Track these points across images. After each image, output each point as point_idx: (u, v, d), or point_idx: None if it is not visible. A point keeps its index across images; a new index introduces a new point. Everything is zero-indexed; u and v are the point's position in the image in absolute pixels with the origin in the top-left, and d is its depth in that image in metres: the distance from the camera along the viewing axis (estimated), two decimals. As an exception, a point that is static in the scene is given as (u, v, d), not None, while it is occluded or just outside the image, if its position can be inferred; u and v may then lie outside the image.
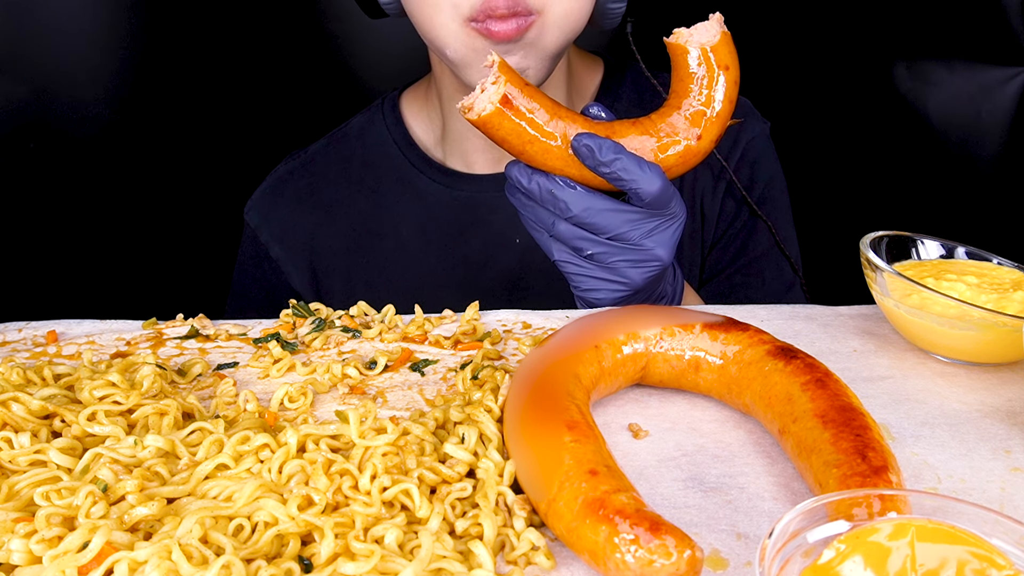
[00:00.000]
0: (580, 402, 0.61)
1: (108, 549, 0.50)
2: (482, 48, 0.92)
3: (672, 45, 0.79)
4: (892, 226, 0.84)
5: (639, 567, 0.48)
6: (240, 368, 0.76)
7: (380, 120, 1.18)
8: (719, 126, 0.79)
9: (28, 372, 0.70)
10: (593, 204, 0.79)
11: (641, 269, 0.82)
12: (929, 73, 1.29)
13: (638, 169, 0.77)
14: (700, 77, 0.78)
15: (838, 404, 0.60)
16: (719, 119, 0.79)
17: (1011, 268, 0.81)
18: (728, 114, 0.80)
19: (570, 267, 0.83)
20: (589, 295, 0.85)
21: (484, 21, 0.90)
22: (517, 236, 1.12)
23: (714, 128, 0.79)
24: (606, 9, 1.00)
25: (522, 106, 0.77)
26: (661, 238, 0.81)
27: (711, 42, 0.78)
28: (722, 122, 0.79)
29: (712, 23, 0.78)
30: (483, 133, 0.79)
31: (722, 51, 0.78)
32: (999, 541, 0.46)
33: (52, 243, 1.40)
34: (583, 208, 0.79)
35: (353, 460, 0.59)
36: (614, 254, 0.81)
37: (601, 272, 0.83)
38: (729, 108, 0.80)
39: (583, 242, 0.81)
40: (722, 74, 0.78)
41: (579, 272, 0.83)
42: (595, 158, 0.76)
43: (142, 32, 1.37)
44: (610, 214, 0.79)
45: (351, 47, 1.48)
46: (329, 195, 1.18)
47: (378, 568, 0.50)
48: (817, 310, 0.86)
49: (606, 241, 0.81)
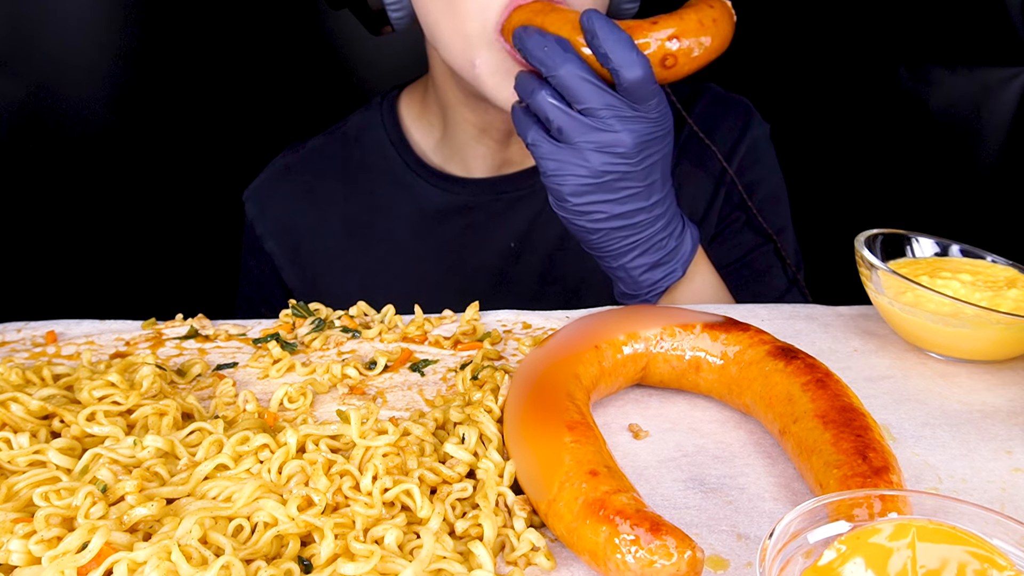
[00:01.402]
0: (580, 402, 0.61)
1: (107, 550, 0.50)
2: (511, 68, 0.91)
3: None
4: (894, 226, 0.84)
5: (640, 568, 0.47)
6: (239, 368, 0.76)
7: (378, 121, 1.18)
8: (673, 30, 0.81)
9: (27, 372, 0.69)
10: (577, 70, 0.80)
11: (603, 155, 0.82)
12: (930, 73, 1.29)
13: (625, 52, 0.78)
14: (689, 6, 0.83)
15: (839, 404, 0.60)
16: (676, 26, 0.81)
17: (1005, 266, 0.81)
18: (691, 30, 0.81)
19: (538, 148, 0.84)
20: (553, 181, 0.84)
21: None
22: (512, 240, 1.12)
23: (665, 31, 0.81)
24: (619, 10, 1.01)
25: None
26: (630, 125, 0.81)
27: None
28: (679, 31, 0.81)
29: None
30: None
31: None
32: (1000, 542, 0.46)
33: (50, 243, 1.40)
34: (567, 70, 0.80)
35: (353, 461, 0.59)
36: (581, 132, 0.81)
37: (565, 153, 0.82)
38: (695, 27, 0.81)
39: (556, 112, 0.81)
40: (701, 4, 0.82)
41: (546, 154, 0.83)
42: (592, 30, 0.78)
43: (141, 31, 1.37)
44: (590, 86, 0.80)
45: (350, 44, 1.48)
46: (325, 194, 1.18)
47: (378, 569, 0.50)
48: (817, 310, 0.86)
49: (577, 115, 0.81)
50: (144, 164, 1.42)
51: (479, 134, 1.09)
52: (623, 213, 0.85)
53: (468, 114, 1.08)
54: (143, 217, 1.44)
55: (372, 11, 1.02)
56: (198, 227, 1.47)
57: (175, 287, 1.44)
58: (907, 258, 0.84)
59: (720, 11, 0.82)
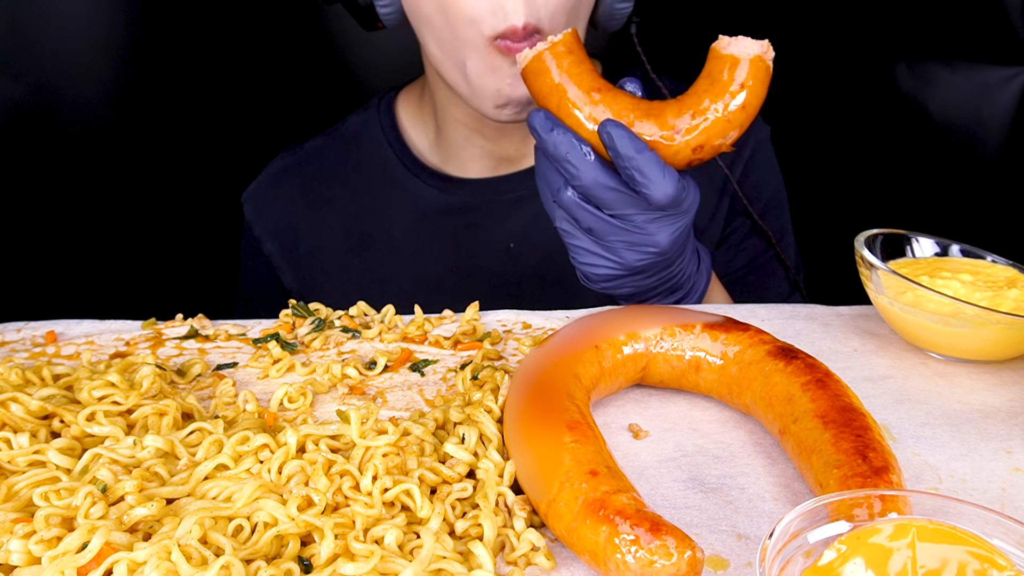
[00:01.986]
0: (580, 402, 0.61)
1: (107, 550, 0.50)
2: (500, 67, 0.92)
3: (711, 49, 0.77)
4: (893, 226, 0.84)
5: (639, 568, 0.47)
6: (239, 368, 0.76)
7: (376, 122, 1.18)
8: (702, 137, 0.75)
9: (27, 372, 0.69)
10: (603, 179, 0.77)
11: (637, 253, 0.81)
12: (930, 73, 1.29)
13: (653, 173, 0.75)
14: (709, 81, 0.75)
15: (839, 404, 0.60)
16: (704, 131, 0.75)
17: (1005, 266, 0.81)
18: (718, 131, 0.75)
19: (569, 236, 0.83)
20: (585, 267, 0.84)
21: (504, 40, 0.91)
22: (511, 241, 1.12)
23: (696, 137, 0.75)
24: (612, 10, 1.00)
25: (565, 63, 0.78)
26: (664, 226, 0.80)
27: (743, 57, 0.74)
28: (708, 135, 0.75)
29: (755, 44, 0.75)
30: (526, 84, 0.80)
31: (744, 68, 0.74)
32: (1000, 542, 0.46)
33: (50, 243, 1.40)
34: (592, 180, 0.77)
35: (353, 460, 0.59)
36: (613, 233, 0.80)
37: (598, 248, 0.82)
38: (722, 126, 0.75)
39: (584, 214, 0.80)
40: (731, 88, 0.74)
41: (577, 243, 0.83)
42: (614, 148, 0.75)
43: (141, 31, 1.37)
44: (617, 194, 0.78)
45: (348, 45, 1.47)
46: (323, 195, 1.18)
47: (378, 569, 0.50)
48: (817, 310, 0.86)
49: (608, 218, 0.79)
50: (144, 164, 1.42)
51: (471, 133, 1.10)
52: (652, 285, 0.86)
53: (459, 113, 1.08)
54: (143, 217, 1.44)
55: (361, 7, 1.02)
56: (197, 227, 1.47)
57: (175, 287, 1.44)
58: (907, 258, 0.84)
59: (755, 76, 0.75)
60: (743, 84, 0.74)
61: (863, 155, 1.42)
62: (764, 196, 1.14)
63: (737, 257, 1.14)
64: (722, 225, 1.14)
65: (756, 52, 0.75)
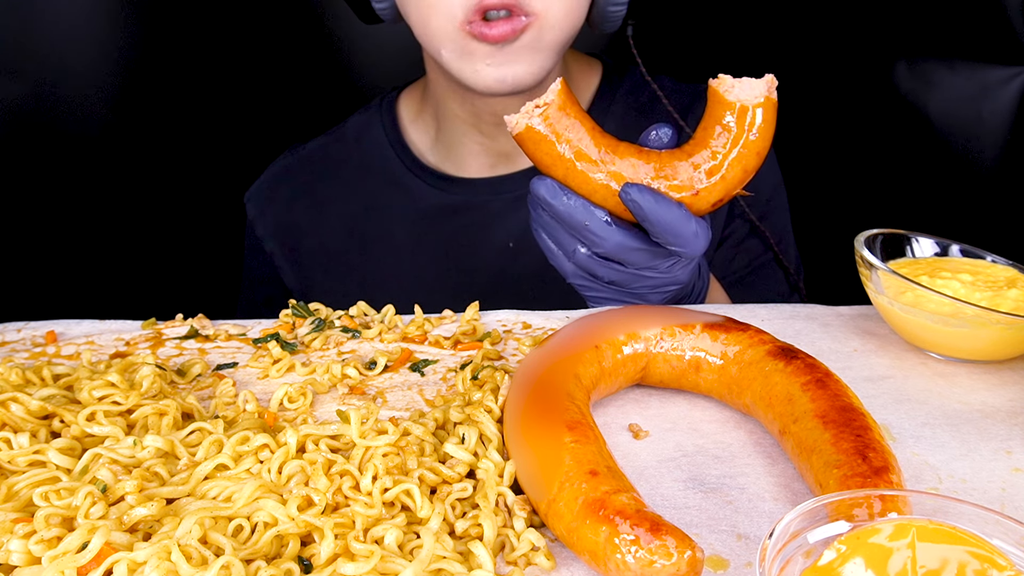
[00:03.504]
0: (580, 402, 0.61)
1: (107, 550, 0.50)
2: (476, 50, 0.93)
3: (712, 89, 0.72)
4: (893, 226, 0.84)
5: (639, 568, 0.47)
6: (239, 368, 0.76)
7: (377, 122, 1.18)
8: (724, 190, 0.72)
9: (27, 372, 0.69)
10: (629, 243, 0.75)
11: (661, 293, 0.80)
12: (930, 73, 1.29)
13: (686, 232, 0.72)
14: (723, 134, 0.71)
15: (839, 404, 0.60)
16: (724, 183, 0.72)
17: (1005, 266, 0.81)
18: (737, 182, 0.72)
19: (587, 290, 0.81)
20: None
21: (477, 24, 0.90)
22: (511, 240, 1.12)
23: (717, 191, 0.72)
24: (606, 12, 1.00)
25: (563, 127, 0.72)
26: (685, 264, 0.79)
27: (751, 102, 0.70)
28: (727, 187, 0.72)
29: (760, 83, 0.70)
30: (524, 151, 0.75)
31: (756, 115, 0.71)
32: (1000, 542, 0.46)
33: (50, 243, 1.40)
34: (617, 245, 0.74)
35: (353, 460, 0.59)
36: (635, 281, 0.78)
37: (620, 295, 0.80)
38: (743, 176, 0.72)
39: (606, 271, 0.78)
40: (745, 139, 0.71)
41: (597, 295, 0.81)
42: (643, 214, 0.71)
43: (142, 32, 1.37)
44: (644, 253, 0.75)
45: (350, 45, 1.48)
46: (324, 195, 1.18)
47: (378, 569, 0.50)
48: (817, 310, 0.86)
49: (629, 271, 0.78)
50: (144, 164, 1.42)
51: (469, 129, 1.10)
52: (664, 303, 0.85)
53: (457, 108, 1.09)
54: (143, 217, 1.44)
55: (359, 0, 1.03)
56: (198, 227, 1.47)
57: (175, 287, 1.45)
58: (907, 258, 0.84)
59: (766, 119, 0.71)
60: (758, 132, 0.71)
61: (863, 155, 1.42)
62: (764, 196, 1.14)
63: (737, 257, 1.14)
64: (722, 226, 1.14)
65: (763, 93, 0.70)
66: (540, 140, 0.73)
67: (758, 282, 1.14)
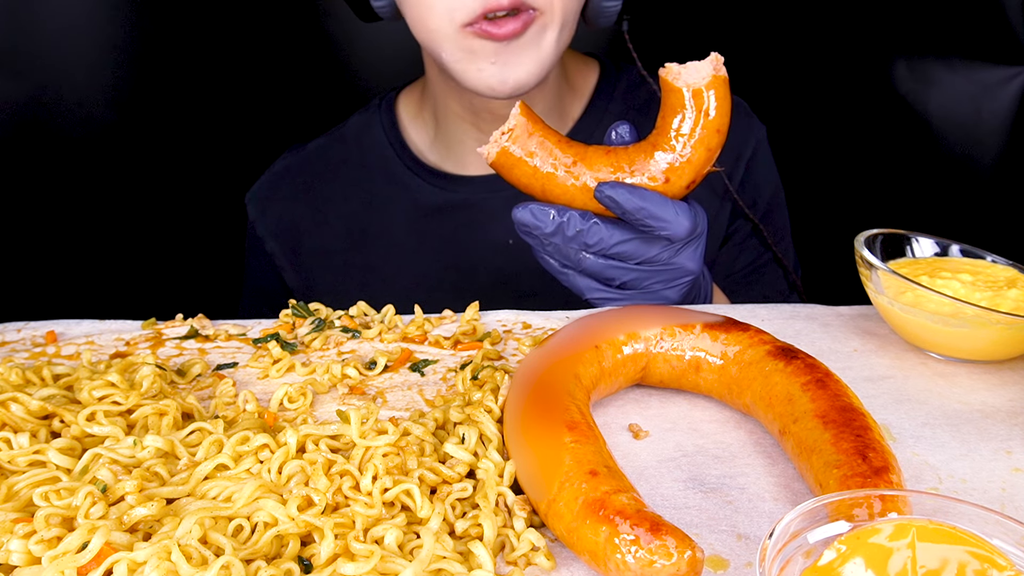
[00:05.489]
0: (580, 402, 0.61)
1: (107, 550, 0.50)
2: (478, 49, 0.93)
3: (662, 79, 0.74)
4: (892, 226, 0.84)
5: (639, 568, 0.47)
6: (239, 368, 0.76)
7: (377, 121, 1.19)
8: (692, 172, 0.75)
9: (27, 372, 0.69)
10: (619, 236, 0.77)
11: (675, 287, 0.81)
12: (929, 73, 1.29)
13: (666, 214, 0.74)
14: (679, 118, 0.73)
15: (839, 404, 0.60)
16: (692, 165, 0.74)
17: (1005, 266, 0.81)
18: (703, 162, 0.75)
19: (606, 302, 0.82)
20: None
21: (480, 23, 0.91)
22: (510, 238, 1.12)
23: (685, 174, 0.75)
24: (601, 7, 1.00)
25: (531, 145, 0.76)
26: (689, 252, 0.80)
27: (699, 83, 0.72)
28: (695, 169, 0.75)
29: (706, 64, 0.72)
30: (502, 176, 0.78)
31: (709, 95, 0.73)
32: (1000, 542, 0.46)
33: (51, 243, 1.40)
34: (610, 240, 0.77)
35: (353, 461, 0.59)
36: (647, 278, 0.80)
37: (637, 297, 0.81)
38: (707, 156, 0.75)
39: (614, 271, 0.79)
40: (705, 120, 0.73)
41: (615, 303, 0.82)
42: (620, 208, 0.74)
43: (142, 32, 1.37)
44: (637, 243, 0.77)
45: (349, 46, 1.48)
46: (324, 194, 1.18)
47: (378, 569, 0.50)
48: (817, 310, 0.86)
49: (636, 267, 0.79)
50: (144, 164, 1.42)
51: (468, 127, 1.10)
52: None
53: (455, 106, 1.09)
54: (144, 217, 1.44)
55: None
56: (198, 228, 1.47)
57: (175, 287, 1.45)
58: (907, 258, 0.84)
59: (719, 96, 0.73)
60: (713, 110, 0.73)
61: (863, 155, 1.42)
62: (765, 196, 1.15)
63: (740, 257, 1.14)
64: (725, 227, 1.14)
65: (711, 73, 0.72)
66: (514, 162, 0.77)
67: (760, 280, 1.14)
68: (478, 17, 0.90)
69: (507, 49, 0.93)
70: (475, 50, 0.93)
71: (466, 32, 0.92)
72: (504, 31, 0.91)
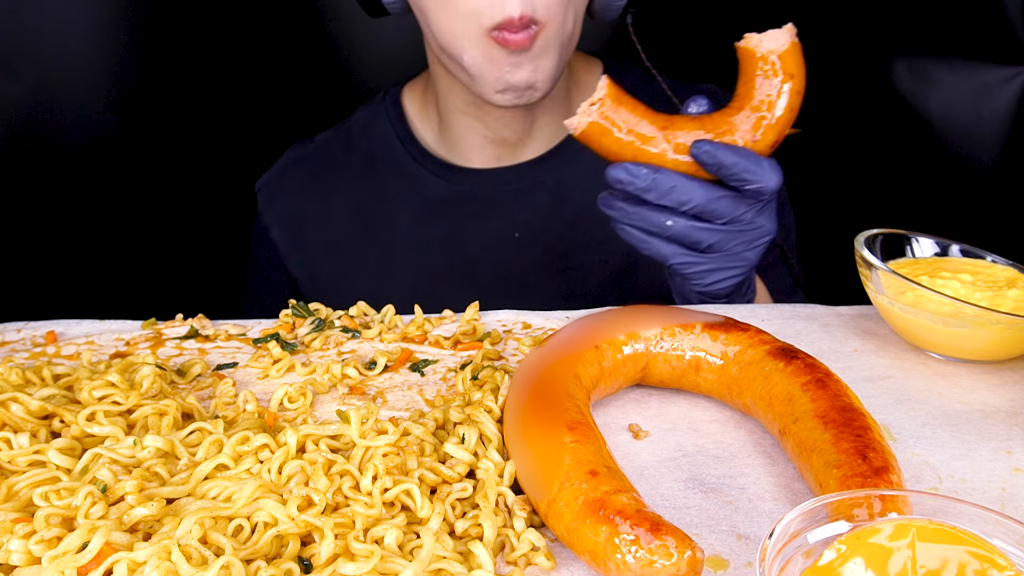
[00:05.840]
0: (580, 402, 0.61)
1: (107, 550, 0.50)
2: (498, 57, 0.95)
3: (741, 48, 0.80)
4: (892, 226, 0.84)
5: (639, 568, 0.47)
6: (239, 368, 0.76)
7: (383, 114, 1.19)
8: (777, 131, 0.80)
9: (27, 372, 0.69)
10: (713, 192, 0.79)
11: (755, 248, 0.83)
12: (929, 73, 1.29)
13: (759, 169, 0.78)
14: (764, 83, 0.79)
15: (839, 404, 0.60)
16: (778, 125, 0.79)
17: (1005, 266, 0.81)
18: (788, 121, 0.80)
19: (689, 266, 0.83)
20: (713, 287, 0.85)
21: (501, 31, 0.93)
22: (516, 231, 1.13)
23: (772, 133, 0.79)
24: (607, 1, 1.02)
25: (621, 115, 0.79)
26: (766, 212, 0.82)
27: (779, 50, 0.79)
28: (780, 128, 0.80)
29: (783, 32, 0.79)
30: (590, 146, 0.81)
31: (789, 60, 0.79)
32: (1000, 542, 0.46)
33: (51, 243, 1.40)
34: (704, 196, 0.79)
35: (353, 460, 0.59)
36: (731, 239, 0.81)
37: (720, 261, 0.83)
38: (790, 116, 0.80)
39: (702, 234, 0.80)
40: (787, 83, 0.79)
41: (700, 267, 0.83)
42: (718, 162, 0.77)
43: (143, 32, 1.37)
44: (728, 200, 0.79)
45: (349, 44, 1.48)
46: (332, 185, 1.19)
47: (378, 569, 0.50)
48: (817, 310, 0.86)
49: (722, 228, 0.81)
50: (144, 165, 1.42)
51: (472, 121, 1.11)
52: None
53: (459, 102, 1.10)
54: (143, 217, 1.44)
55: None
56: (199, 227, 1.47)
57: (175, 287, 1.44)
58: (907, 258, 0.84)
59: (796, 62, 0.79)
60: (793, 75, 0.79)
61: (863, 155, 1.42)
62: None
63: None
64: None
65: (788, 40, 0.79)
66: (604, 131, 0.79)
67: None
68: (498, 25, 0.93)
69: (518, 59, 0.96)
70: (494, 58, 0.95)
71: (489, 39, 0.94)
72: (517, 39, 0.93)
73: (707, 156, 0.77)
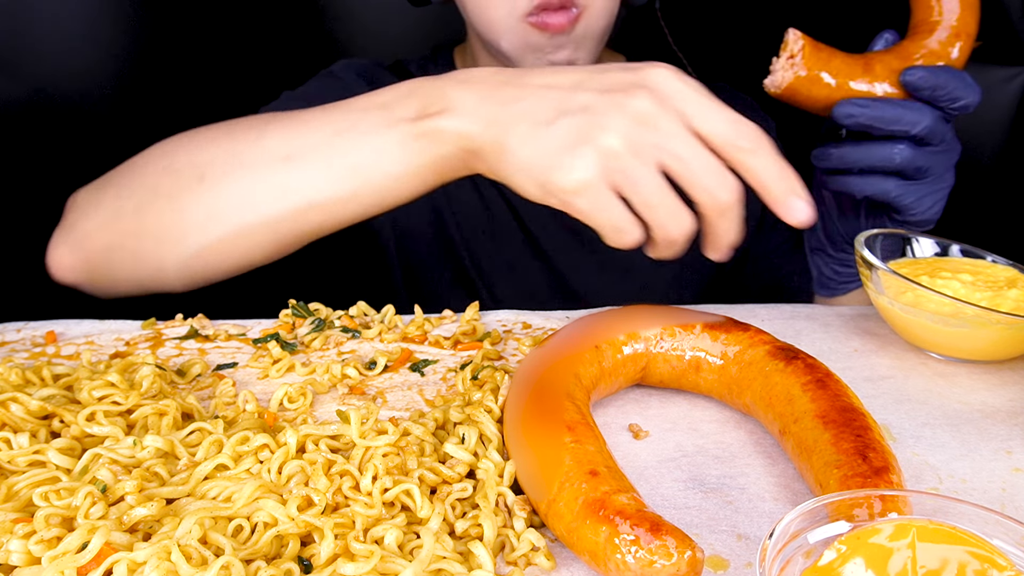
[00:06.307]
0: (580, 402, 0.61)
1: (107, 550, 0.50)
2: (536, 42, 0.96)
3: None
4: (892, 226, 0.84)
5: (640, 568, 0.47)
6: (239, 368, 0.76)
7: None
8: (971, 44, 0.81)
9: (27, 372, 0.69)
10: (935, 112, 0.80)
11: (952, 169, 0.84)
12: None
13: (967, 85, 0.79)
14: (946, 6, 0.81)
15: (839, 404, 0.60)
16: (971, 37, 0.81)
17: (1005, 266, 0.81)
18: (972, 37, 0.81)
19: (907, 195, 0.83)
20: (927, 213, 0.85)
21: (539, 15, 0.94)
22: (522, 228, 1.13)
23: (967, 46, 0.81)
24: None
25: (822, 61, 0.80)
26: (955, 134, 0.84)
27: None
28: (972, 40, 0.81)
29: None
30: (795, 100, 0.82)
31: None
32: (1000, 542, 0.46)
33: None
34: (931, 118, 0.79)
35: (353, 461, 0.59)
36: (942, 162, 0.83)
37: (932, 184, 0.83)
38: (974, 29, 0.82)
39: (924, 157, 0.81)
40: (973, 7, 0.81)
41: (916, 195, 0.83)
42: (934, 84, 0.78)
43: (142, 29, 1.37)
44: (945, 124, 0.81)
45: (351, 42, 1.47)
46: None
47: (378, 569, 0.50)
48: (817, 310, 0.86)
49: (939, 150, 0.82)
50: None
51: None
52: None
53: None
54: (143, 217, 1.44)
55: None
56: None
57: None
58: (907, 258, 0.84)
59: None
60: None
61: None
62: None
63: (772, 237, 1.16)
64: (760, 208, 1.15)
65: None
66: (812, 81, 0.80)
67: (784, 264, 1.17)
68: (536, 8, 0.94)
69: (559, 41, 0.97)
70: (532, 42, 0.96)
71: (526, 24, 0.95)
72: (556, 21, 0.94)
73: (923, 81, 0.78)
